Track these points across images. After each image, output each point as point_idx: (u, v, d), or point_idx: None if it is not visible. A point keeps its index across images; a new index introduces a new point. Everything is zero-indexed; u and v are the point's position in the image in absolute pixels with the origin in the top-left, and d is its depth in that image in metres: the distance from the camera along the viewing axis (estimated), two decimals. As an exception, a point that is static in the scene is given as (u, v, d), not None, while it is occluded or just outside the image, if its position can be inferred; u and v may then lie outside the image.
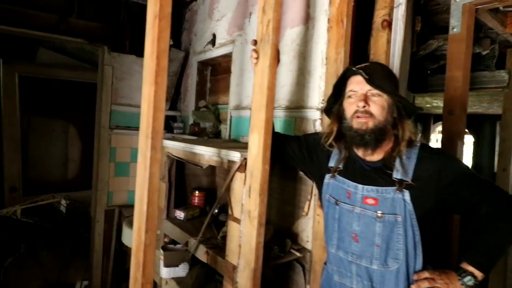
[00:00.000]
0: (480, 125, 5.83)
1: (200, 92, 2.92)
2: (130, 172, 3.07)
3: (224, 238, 1.77)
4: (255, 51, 1.33)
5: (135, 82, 3.02)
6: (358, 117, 1.08)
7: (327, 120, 1.60)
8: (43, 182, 3.63)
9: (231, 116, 2.34)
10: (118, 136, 2.99)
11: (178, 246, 1.95)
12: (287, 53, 1.85)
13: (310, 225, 1.65)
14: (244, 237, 1.37)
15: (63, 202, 3.22)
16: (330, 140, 1.22)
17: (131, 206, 3.02)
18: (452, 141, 2.00)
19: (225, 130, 2.47)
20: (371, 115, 1.06)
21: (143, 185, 1.03)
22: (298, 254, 1.60)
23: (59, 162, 3.81)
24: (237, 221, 1.42)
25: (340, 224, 1.18)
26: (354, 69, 1.09)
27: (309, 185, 1.63)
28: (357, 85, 1.10)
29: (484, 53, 2.82)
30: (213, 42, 2.63)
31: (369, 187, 1.11)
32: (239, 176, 1.43)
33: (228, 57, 2.52)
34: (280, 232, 1.76)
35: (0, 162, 3.32)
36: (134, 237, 1.07)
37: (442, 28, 2.42)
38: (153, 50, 1.00)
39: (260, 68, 1.32)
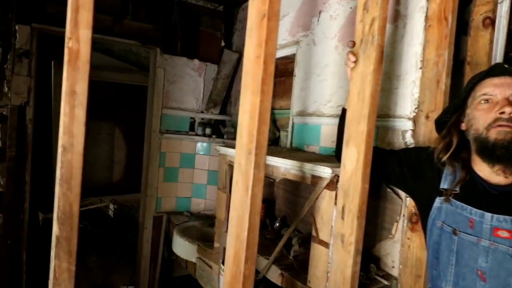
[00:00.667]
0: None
1: (254, 96, 2.81)
2: (179, 177, 3.02)
3: (295, 258, 1.64)
4: (353, 53, 1.19)
5: (186, 85, 2.96)
6: (500, 125, 0.91)
7: (423, 131, 1.45)
8: (89, 185, 3.66)
9: (293, 123, 2.21)
10: (168, 141, 2.94)
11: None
12: (367, 55, 1.69)
13: (397, 249, 1.48)
14: (335, 263, 1.23)
15: (111, 206, 3.22)
16: (447, 156, 1.05)
17: (179, 213, 2.97)
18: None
19: (285, 137, 2.34)
20: None
21: (243, 208, 0.92)
22: (385, 282, 1.44)
23: (104, 164, 3.84)
24: (325, 244, 1.29)
25: (461, 259, 1.01)
26: (506, 66, 0.92)
27: (398, 205, 1.47)
28: (496, 88, 0.93)
29: None
30: (271, 43, 2.51)
31: (501, 217, 0.93)
32: (327, 194, 1.29)
33: (287, 59, 2.39)
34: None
35: (51, 163, 3.37)
36: (228, 265, 0.96)
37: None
38: (259, 53, 0.89)
39: (359, 72, 1.17)
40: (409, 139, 1.49)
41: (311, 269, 1.35)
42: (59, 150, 0.62)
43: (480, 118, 0.96)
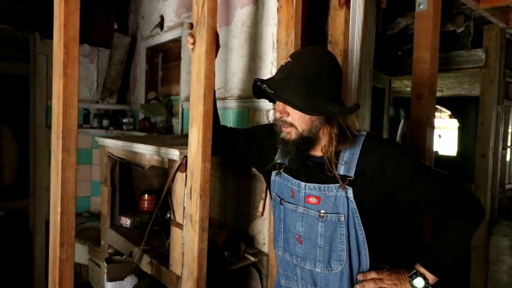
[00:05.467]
0: (465, 109, 6.06)
1: (151, 83, 2.87)
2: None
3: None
4: (191, 35, 1.32)
5: (74, 72, 2.93)
6: (282, 125, 1.10)
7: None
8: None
9: (182, 109, 2.32)
10: (58, 136, 2.90)
11: (124, 257, 1.92)
12: (237, 36, 1.85)
13: (266, 226, 1.66)
14: (187, 244, 1.36)
15: (-3, 213, 3.11)
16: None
17: (78, 214, 2.95)
18: (421, 128, 2.06)
19: (177, 124, 2.44)
20: (291, 125, 1.07)
21: (56, 193, 1.00)
22: (252, 258, 1.61)
23: (-8, 167, 3.66)
24: (180, 226, 1.42)
25: (285, 225, 1.19)
26: (258, 83, 1.09)
27: (263, 183, 1.65)
28: None
29: (458, 31, 2.91)
30: (161, 25, 2.58)
31: (312, 185, 1.12)
32: (180, 177, 1.42)
33: (178, 42, 2.48)
34: (235, 235, 1.77)
35: None
36: (50, 251, 1.05)
37: (412, 5, 2.47)
38: (60, 37, 0.97)
39: (196, 54, 1.30)
40: (272, 118, 1.67)
41: (171, 252, 1.48)
42: None
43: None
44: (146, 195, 2.20)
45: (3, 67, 3.54)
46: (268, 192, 1.64)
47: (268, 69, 1.67)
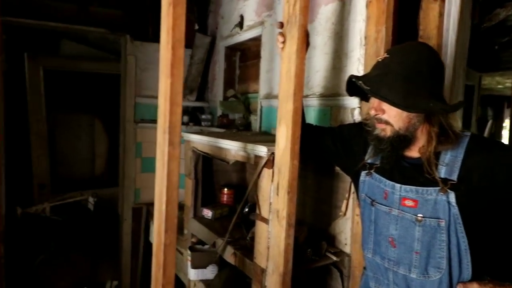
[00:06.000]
0: None
1: (229, 81, 2.98)
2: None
3: (253, 239, 1.83)
4: (282, 34, 1.35)
5: (158, 72, 3.14)
6: (376, 122, 1.08)
7: (367, 108, 1.60)
8: (71, 179, 3.92)
9: (261, 106, 2.37)
10: (144, 130, 3.14)
11: (206, 246, 2.03)
12: (321, 33, 1.84)
13: (349, 227, 1.65)
14: (273, 238, 1.40)
15: (91, 199, 3.46)
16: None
17: (158, 204, 3.17)
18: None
19: (255, 121, 2.51)
20: (387, 122, 1.05)
21: (162, 183, 1.10)
22: (334, 258, 1.61)
23: (86, 158, 4.08)
24: (265, 221, 1.46)
25: (376, 227, 1.17)
26: (353, 79, 1.07)
27: (347, 182, 1.63)
28: None
29: None
30: (240, 24, 2.66)
31: (408, 187, 1.09)
32: (266, 173, 1.46)
33: (257, 40, 2.54)
34: (315, 233, 1.77)
35: (28, 158, 3.62)
36: (154, 237, 1.15)
37: (511, -6, 2.26)
38: (168, 39, 1.05)
39: (287, 53, 1.33)
40: (357, 117, 1.64)
41: (256, 245, 1.53)
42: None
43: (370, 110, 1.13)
44: (225, 189, 2.30)
45: (98, 68, 3.93)
46: (351, 191, 1.63)
47: (355, 67, 1.64)
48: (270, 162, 1.44)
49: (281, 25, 1.35)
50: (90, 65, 3.94)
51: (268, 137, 2.03)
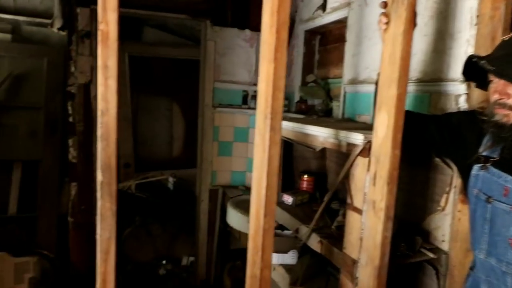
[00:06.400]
0: None
1: (307, 65, 2.91)
2: (233, 152, 3.30)
3: (338, 228, 1.79)
4: (385, 14, 1.26)
5: (237, 57, 3.18)
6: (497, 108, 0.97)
7: (477, 95, 1.45)
8: (151, 160, 4.17)
9: (345, 92, 2.29)
10: (221, 115, 3.21)
11: (287, 232, 2.04)
12: (420, 13, 1.69)
13: (448, 223, 1.54)
14: (367, 230, 1.35)
15: (171, 179, 3.66)
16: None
17: (234, 187, 3.26)
18: None
19: (337, 108, 2.43)
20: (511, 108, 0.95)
21: (262, 168, 1.10)
22: (431, 255, 1.52)
23: (164, 140, 4.31)
24: (358, 211, 1.42)
25: (493, 227, 1.07)
26: (474, 59, 0.95)
27: (448, 175, 1.51)
28: None
29: None
30: (323, 7, 2.57)
31: None
32: (361, 161, 1.41)
33: (341, 23, 2.44)
34: (406, 227, 1.68)
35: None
36: (252, 221, 1.16)
37: None
38: (272, 22, 1.03)
39: (391, 34, 1.24)
40: (462, 104, 1.50)
41: (346, 235, 1.49)
42: (98, 113, 0.85)
43: (490, 96, 1.01)
44: (305, 176, 2.27)
45: (176, 54, 4.09)
46: (452, 185, 1.51)
47: (462, 49, 1.49)
48: (366, 150, 1.37)
49: (385, 4, 1.27)
50: (169, 51, 4.11)
51: (354, 124, 1.96)
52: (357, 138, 1.41)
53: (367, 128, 1.70)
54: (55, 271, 3.05)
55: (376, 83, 1.41)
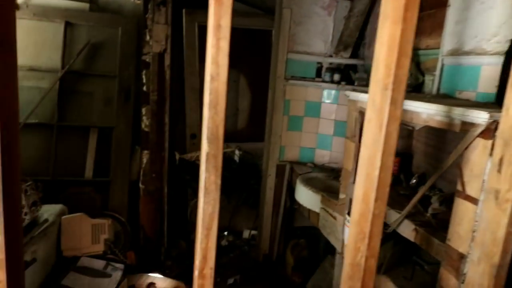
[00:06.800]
0: None
1: (393, 35, 2.65)
2: (303, 127, 3.17)
3: (434, 216, 1.62)
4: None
5: (313, 26, 2.98)
6: None
7: None
8: (216, 131, 4.16)
9: (442, 64, 2.03)
10: (293, 88, 3.08)
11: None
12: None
13: None
14: (484, 222, 1.18)
15: (237, 152, 3.63)
16: None
17: (302, 164, 3.15)
18: None
19: (430, 82, 2.18)
20: None
21: (375, 146, 0.96)
22: None
23: (230, 112, 4.27)
24: (472, 200, 1.24)
25: None
26: None
27: None
28: None
29: None
30: (419, -34, 2.28)
31: None
32: (481, 144, 1.21)
33: (441, -15, 2.15)
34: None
35: (183, 110, 3.95)
36: (356, 203, 1.04)
37: None
38: (406, -26, 0.86)
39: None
40: None
41: (452, 226, 1.32)
42: (207, 78, 0.76)
43: None
44: (390, 156, 2.09)
45: (248, 23, 3.96)
46: None
47: None
48: (491, 131, 1.17)
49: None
50: (240, 21, 3.98)
51: (455, 101, 1.73)
52: (480, 116, 1.21)
53: (473, 105, 1.48)
54: (126, 234, 3.19)
55: (508, 53, 1.19)
